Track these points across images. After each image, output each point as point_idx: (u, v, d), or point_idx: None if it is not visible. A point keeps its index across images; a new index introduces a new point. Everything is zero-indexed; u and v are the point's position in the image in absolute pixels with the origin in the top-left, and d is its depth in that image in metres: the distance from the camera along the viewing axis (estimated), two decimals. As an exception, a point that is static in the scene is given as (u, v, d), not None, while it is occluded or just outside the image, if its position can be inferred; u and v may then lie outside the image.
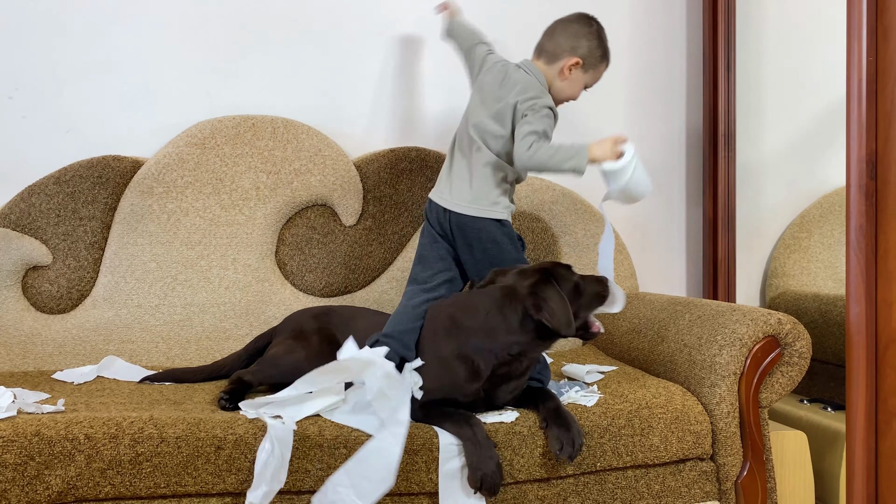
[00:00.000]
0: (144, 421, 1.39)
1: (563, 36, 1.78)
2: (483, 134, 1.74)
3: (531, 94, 1.71)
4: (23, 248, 1.99)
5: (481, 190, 1.72)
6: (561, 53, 1.77)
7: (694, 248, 2.51)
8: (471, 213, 1.71)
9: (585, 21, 1.80)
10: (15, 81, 2.10)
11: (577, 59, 1.76)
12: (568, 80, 1.78)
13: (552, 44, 1.78)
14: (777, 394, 1.64)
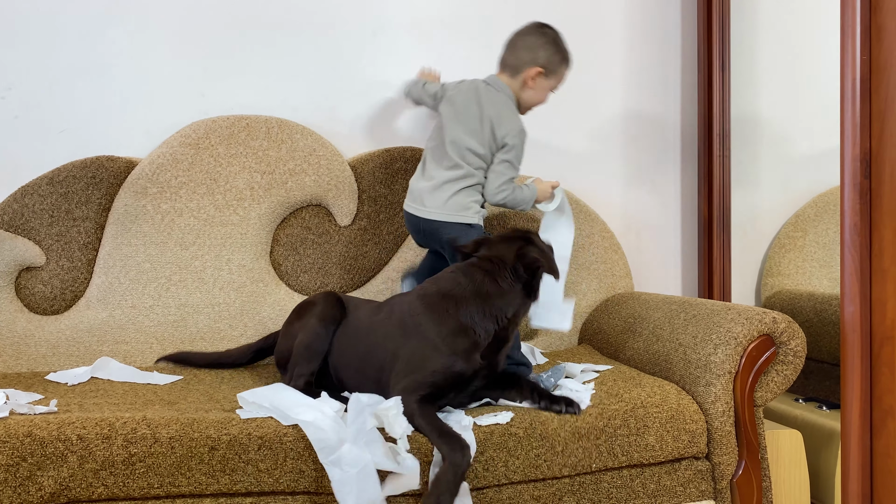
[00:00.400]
0: (137, 421, 1.38)
1: (522, 49, 1.87)
2: (461, 151, 1.83)
3: (510, 128, 1.82)
4: (16, 248, 1.99)
5: (455, 198, 1.82)
6: (522, 66, 1.86)
7: (689, 247, 2.51)
8: (441, 218, 1.82)
9: (541, 31, 1.88)
10: (7, 81, 2.10)
11: (539, 69, 1.85)
12: (533, 89, 1.88)
13: (513, 58, 1.88)
14: (772, 392, 1.64)
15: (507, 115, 1.84)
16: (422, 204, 1.86)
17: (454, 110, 1.88)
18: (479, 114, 1.84)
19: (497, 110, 1.84)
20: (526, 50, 1.86)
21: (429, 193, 1.85)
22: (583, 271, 2.26)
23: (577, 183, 2.40)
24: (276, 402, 1.50)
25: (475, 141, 1.83)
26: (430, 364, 1.52)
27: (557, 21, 2.38)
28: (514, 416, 1.52)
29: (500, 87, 1.88)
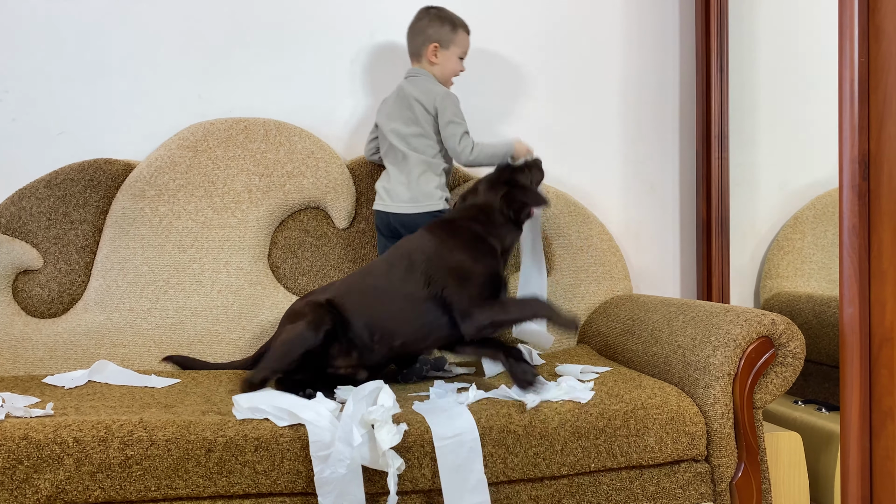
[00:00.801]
0: (134, 424, 1.38)
1: (415, 34, 2.03)
2: (405, 138, 1.98)
3: (433, 95, 1.96)
4: (13, 252, 1.98)
5: (418, 188, 1.96)
6: (421, 48, 2.02)
7: (688, 249, 2.51)
8: (411, 210, 1.96)
9: (425, 12, 2.04)
10: (5, 84, 2.10)
11: (433, 44, 2.00)
12: (440, 63, 2.02)
13: (413, 45, 2.04)
14: (771, 394, 1.64)
15: (427, 88, 1.98)
16: (390, 199, 1.99)
17: (387, 110, 2.04)
18: (407, 102, 1.98)
19: (418, 90, 1.98)
20: (417, 34, 2.02)
21: (394, 189, 1.99)
22: (581, 273, 2.26)
23: (576, 184, 2.40)
24: (273, 403, 1.50)
25: (414, 126, 1.97)
26: (476, 272, 1.71)
27: (556, 24, 2.40)
28: (513, 415, 1.51)
29: (415, 72, 2.03)
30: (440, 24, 2.01)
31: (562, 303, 2.24)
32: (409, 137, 1.98)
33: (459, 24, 2.03)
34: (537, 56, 2.40)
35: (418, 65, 2.04)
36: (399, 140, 1.99)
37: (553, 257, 2.27)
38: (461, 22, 2.03)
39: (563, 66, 2.42)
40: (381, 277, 1.76)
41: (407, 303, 1.71)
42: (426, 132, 1.97)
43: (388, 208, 1.99)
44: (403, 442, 1.44)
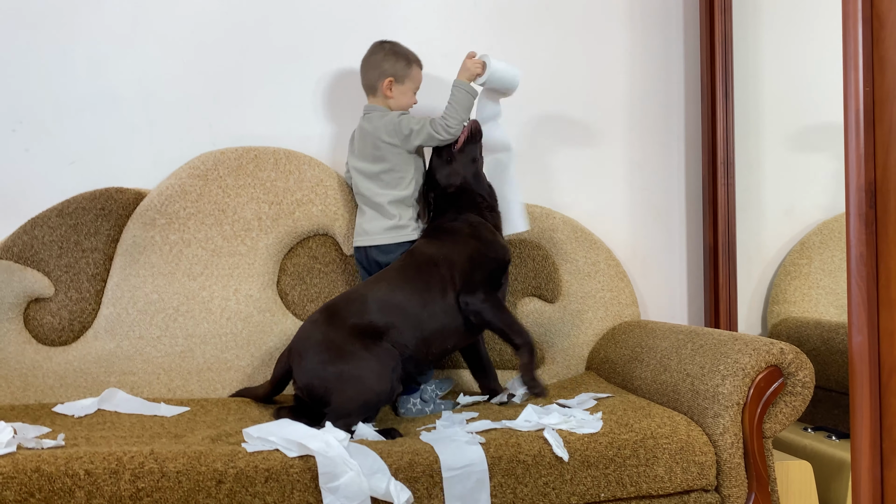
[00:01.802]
0: (145, 455, 1.38)
1: (369, 69, 2.06)
2: (374, 177, 2.03)
3: (389, 120, 2.00)
4: (25, 280, 2.00)
5: (392, 221, 2.00)
6: (376, 82, 2.04)
7: (695, 274, 2.51)
8: (388, 241, 2.01)
9: (378, 47, 2.07)
10: (18, 114, 2.12)
11: (389, 79, 2.03)
12: (395, 97, 2.05)
13: (367, 79, 2.07)
14: (781, 424, 1.64)
15: (384, 123, 2.01)
16: (365, 234, 2.04)
17: (354, 149, 2.09)
18: (370, 140, 2.02)
19: (375, 125, 2.02)
20: (372, 68, 2.04)
21: (368, 223, 2.04)
22: (589, 299, 2.26)
23: (583, 210, 2.41)
24: (283, 434, 1.50)
25: (382, 163, 2.01)
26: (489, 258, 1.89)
27: (558, 52, 2.43)
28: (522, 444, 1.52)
29: (370, 108, 2.06)
30: (395, 59, 2.03)
31: (569, 329, 2.24)
32: (379, 175, 2.02)
33: (413, 60, 2.06)
34: (543, 82, 2.42)
35: (374, 99, 2.07)
36: (367, 179, 2.04)
37: (560, 283, 2.28)
38: (415, 57, 2.07)
39: (568, 91, 2.44)
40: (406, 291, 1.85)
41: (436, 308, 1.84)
42: (395, 165, 2.01)
43: (364, 243, 2.03)
44: (412, 472, 1.44)
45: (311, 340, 1.78)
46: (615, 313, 2.27)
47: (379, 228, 2.02)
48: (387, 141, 1.99)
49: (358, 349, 1.73)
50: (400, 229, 2.01)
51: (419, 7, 2.34)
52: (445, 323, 1.84)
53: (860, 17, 1.61)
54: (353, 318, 1.78)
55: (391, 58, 2.03)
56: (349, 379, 1.70)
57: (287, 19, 2.25)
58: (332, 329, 1.78)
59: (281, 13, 2.26)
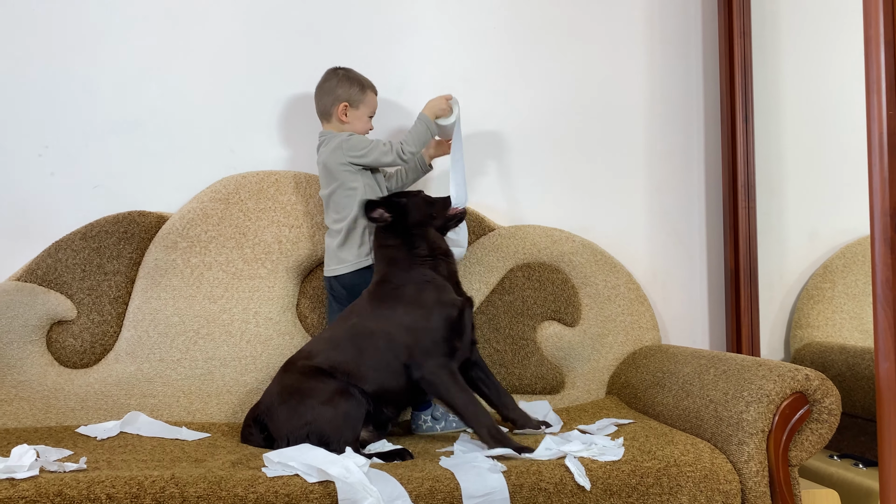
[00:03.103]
0: (166, 480, 1.38)
1: (323, 95, 2.04)
2: (327, 202, 2.01)
3: (335, 144, 1.97)
4: (48, 302, 2.02)
5: (349, 248, 1.97)
6: (330, 108, 2.03)
7: (716, 299, 2.49)
8: (347, 270, 1.97)
9: (332, 73, 2.06)
10: (44, 140, 2.16)
11: (343, 104, 2.01)
12: (350, 122, 2.03)
13: (321, 105, 2.05)
14: (807, 452, 1.61)
15: (333, 146, 1.98)
16: (333, 264, 2.00)
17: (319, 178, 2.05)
18: (322, 168, 2.01)
19: (326, 149, 1.99)
20: (326, 94, 2.03)
21: (334, 252, 2.00)
22: (609, 323, 2.25)
23: (603, 234, 2.40)
24: (303, 459, 1.50)
25: (333, 183, 1.98)
26: (431, 328, 1.77)
27: (578, 74, 2.44)
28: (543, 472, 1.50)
29: (323, 136, 2.04)
30: (349, 84, 2.02)
31: (589, 353, 2.23)
32: (331, 197, 1.99)
33: (368, 85, 2.05)
34: (562, 105, 2.43)
35: (328, 125, 2.05)
36: (327, 205, 2.01)
37: (580, 306, 2.26)
38: (369, 83, 2.06)
39: (589, 117, 2.44)
40: (348, 349, 1.78)
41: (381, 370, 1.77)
42: (343, 183, 1.96)
43: (332, 272, 2.00)
44: (432, 499, 1.43)
45: (271, 394, 1.79)
46: (635, 337, 2.26)
47: (334, 259, 1.99)
48: (337, 161, 1.96)
49: (311, 384, 1.72)
50: (352, 258, 1.97)
51: (439, 33, 2.36)
52: (393, 384, 1.77)
53: (882, 40, 1.61)
54: (301, 360, 1.80)
55: (345, 83, 2.02)
56: (303, 412, 1.69)
57: (306, 50, 2.28)
58: (286, 376, 1.79)
59: (300, 44, 2.28)
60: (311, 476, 1.45)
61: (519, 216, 2.37)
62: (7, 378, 1.96)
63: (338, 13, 2.31)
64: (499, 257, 2.23)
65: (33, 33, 2.16)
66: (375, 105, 2.08)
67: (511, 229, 2.28)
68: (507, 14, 2.40)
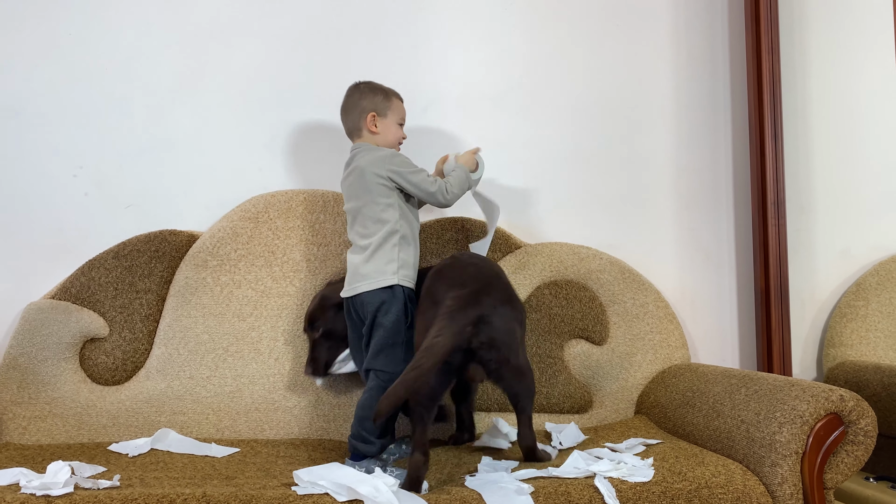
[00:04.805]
0: (198, 498, 1.39)
1: (349, 111, 1.98)
2: (354, 216, 1.90)
3: (378, 156, 1.89)
4: (82, 320, 2.05)
5: (375, 265, 1.83)
6: (359, 122, 1.96)
7: (746, 317, 2.46)
8: (367, 288, 1.82)
9: (354, 88, 2.00)
10: (79, 160, 2.20)
11: (371, 113, 1.95)
12: (381, 132, 1.96)
13: (349, 122, 1.99)
14: (843, 474, 1.58)
15: (374, 157, 1.89)
16: (347, 284, 1.88)
17: (344, 190, 1.96)
18: (359, 173, 1.89)
19: (366, 160, 1.89)
20: (352, 109, 1.97)
21: (356, 269, 1.86)
22: (637, 342, 2.23)
23: (630, 251, 2.39)
24: (332, 478, 1.50)
25: (366, 196, 1.87)
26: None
27: (604, 92, 2.44)
28: (572, 493, 1.49)
29: (358, 147, 1.95)
30: (372, 94, 1.96)
31: (617, 372, 2.21)
32: (362, 209, 1.88)
33: (392, 93, 1.99)
34: (591, 124, 2.43)
35: (360, 140, 1.96)
36: (354, 218, 1.90)
37: (608, 324, 2.25)
38: (392, 91, 2.00)
39: (615, 133, 2.44)
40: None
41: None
42: (374, 198, 1.86)
43: (350, 292, 1.86)
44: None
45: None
46: (664, 356, 2.23)
47: (357, 275, 1.85)
48: (376, 173, 1.86)
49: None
50: (377, 274, 1.83)
51: (464, 54, 2.38)
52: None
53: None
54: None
55: (368, 94, 1.96)
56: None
57: (334, 71, 2.31)
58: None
59: (328, 66, 2.31)
60: (341, 495, 1.45)
61: (545, 233, 2.37)
62: (41, 395, 1.99)
63: (364, 34, 2.33)
64: (525, 275, 2.23)
65: (68, 56, 2.21)
66: (404, 112, 2.01)
67: (537, 247, 2.28)
68: (532, 33, 2.41)
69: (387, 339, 1.80)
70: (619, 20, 2.45)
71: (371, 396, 1.76)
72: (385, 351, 1.79)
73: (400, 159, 1.89)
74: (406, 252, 1.86)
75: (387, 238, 1.84)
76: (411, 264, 1.87)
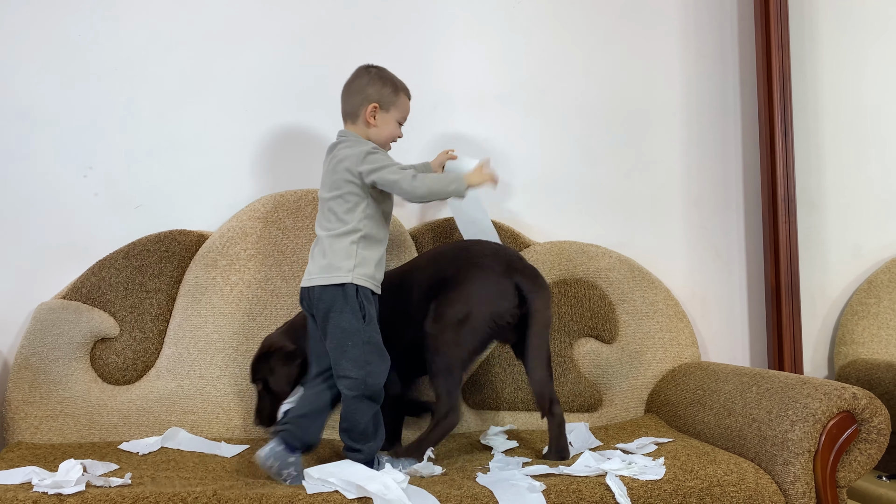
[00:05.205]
0: (209, 496, 1.40)
1: (352, 94, 1.85)
2: (325, 204, 1.78)
3: (356, 151, 1.76)
4: (93, 320, 2.06)
5: (333, 258, 1.73)
6: (358, 108, 1.83)
7: (756, 315, 2.44)
8: (319, 283, 1.72)
9: (364, 71, 1.87)
10: (88, 161, 2.21)
11: (373, 104, 1.82)
12: (377, 126, 1.83)
13: (348, 105, 1.86)
14: (856, 473, 1.57)
15: (354, 152, 1.77)
16: (307, 273, 1.78)
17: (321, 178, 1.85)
18: (332, 166, 1.79)
19: (343, 152, 1.79)
20: (355, 93, 1.84)
21: (314, 259, 1.77)
22: (647, 340, 2.22)
23: (640, 249, 2.38)
24: (342, 475, 1.51)
25: (334, 190, 1.77)
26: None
27: (613, 90, 2.43)
28: (583, 491, 1.48)
29: (344, 135, 1.85)
30: (381, 84, 1.84)
31: (627, 370, 2.20)
32: (329, 202, 1.77)
33: (401, 88, 1.87)
34: (600, 122, 2.42)
35: (352, 127, 1.85)
36: (321, 209, 1.80)
37: (618, 323, 2.24)
38: (403, 85, 1.88)
39: (624, 131, 2.43)
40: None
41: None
42: (343, 195, 1.75)
43: (305, 283, 1.77)
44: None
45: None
46: (675, 354, 2.23)
47: (314, 267, 1.76)
48: (349, 169, 1.75)
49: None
50: (332, 269, 1.72)
51: (474, 52, 2.38)
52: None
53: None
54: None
55: (377, 82, 1.84)
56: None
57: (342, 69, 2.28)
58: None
59: (335, 64, 2.30)
60: (350, 492, 1.45)
61: (554, 232, 2.37)
62: (53, 394, 2.00)
63: (372, 33, 2.33)
64: (535, 274, 2.22)
65: (77, 58, 2.22)
66: (408, 110, 1.90)
67: (546, 245, 2.27)
68: (541, 31, 2.41)
69: (344, 340, 1.69)
70: (628, 17, 2.45)
71: (345, 406, 1.69)
72: (346, 354, 1.69)
73: (375, 156, 1.76)
74: (368, 251, 1.75)
75: (346, 235, 1.74)
76: (373, 263, 1.76)
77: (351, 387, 1.67)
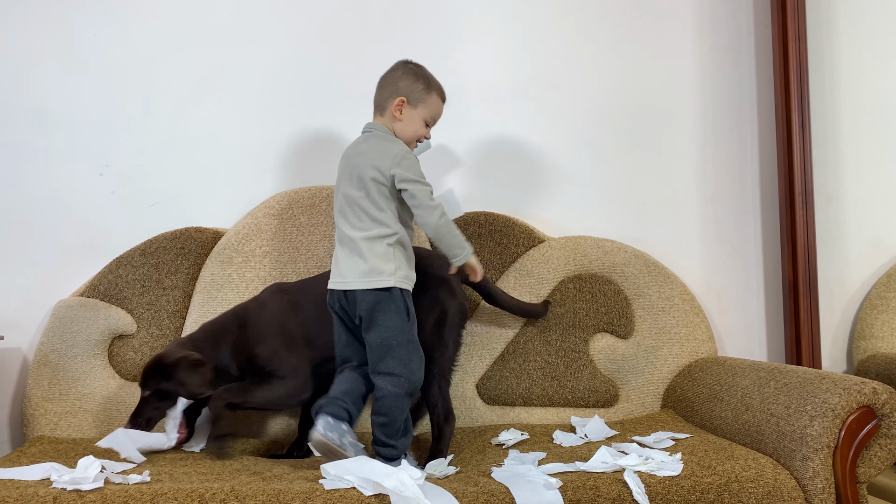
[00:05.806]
0: (226, 493, 1.40)
1: (385, 85, 1.85)
2: (352, 204, 1.75)
3: (389, 150, 1.75)
4: (110, 317, 2.07)
5: (374, 262, 1.71)
6: (386, 101, 1.82)
7: (774, 309, 2.42)
8: (362, 286, 1.71)
9: (400, 65, 1.86)
10: (105, 160, 2.23)
11: (401, 98, 1.80)
12: (403, 121, 1.82)
13: (379, 96, 1.85)
14: (876, 468, 1.55)
15: (383, 148, 1.76)
16: (339, 276, 1.76)
17: (341, 168, 1.83)
18: (355, 161, 1.77)
19: (373, 148, 1.77)
20: (387, 85, 1.84)
21: (345, 261, 1.75)
22: (663, 335, 2.21)
23: (655, 244, 2.37)
24: (359, 472, 1.51)
25: (362, 190, 1.74)
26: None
27: (628, 84, 2.41)
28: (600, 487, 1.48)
29: (372, 127, 1.83)
30: (414, 79, 1.82)
31: (643, 366, 2.19)
32: (357, 200, 1.74)
33: (435, 87, 1.84)
34: (615, 116, 2.41)
35: (380, 119, 1.83)
36: (349, 206, 1.76)
37: (633, 318, 2.23)
38: (438, 86, 1.85)
39: (640, 125, 2.42)
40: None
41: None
42: (372, 195, 1.73)
43: (342, 286, 1.74)
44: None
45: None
46: (691, 349, 2.21)
47: (352, 271, 1.73)
48: (379, 169, 1.73)
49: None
50: (374, 273, 1.71)
51: (487, 47, 2.37)
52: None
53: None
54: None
55: (409, 77, 1.82)
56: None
57: (356, 66, 2.31)
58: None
59: (350, 61, 2.32)
60: (367, 489, 1.45)
61: (569, 227, 2.36)
62: (72, 391, 2.02)
63: (386, 28, 2.33)
64: (549, 269, 2.22)
65: (93, 56, 2.23)
66: (438, 112, 1.86)
67: (561, 240, 2.26)
68: (555, 26, 2.40)
69: (389, 339, 1.70)
70: (643, 11, 2.43)
71: (386, 402, 1.69)
72: (392, 352, 1.70)
73: (409, 163, 1.75)
74: (404, 252, 1.76)
75: (383, 238, 1.73)
76: (408, 264, 1.77)
77: (396, 384, 1.70)
